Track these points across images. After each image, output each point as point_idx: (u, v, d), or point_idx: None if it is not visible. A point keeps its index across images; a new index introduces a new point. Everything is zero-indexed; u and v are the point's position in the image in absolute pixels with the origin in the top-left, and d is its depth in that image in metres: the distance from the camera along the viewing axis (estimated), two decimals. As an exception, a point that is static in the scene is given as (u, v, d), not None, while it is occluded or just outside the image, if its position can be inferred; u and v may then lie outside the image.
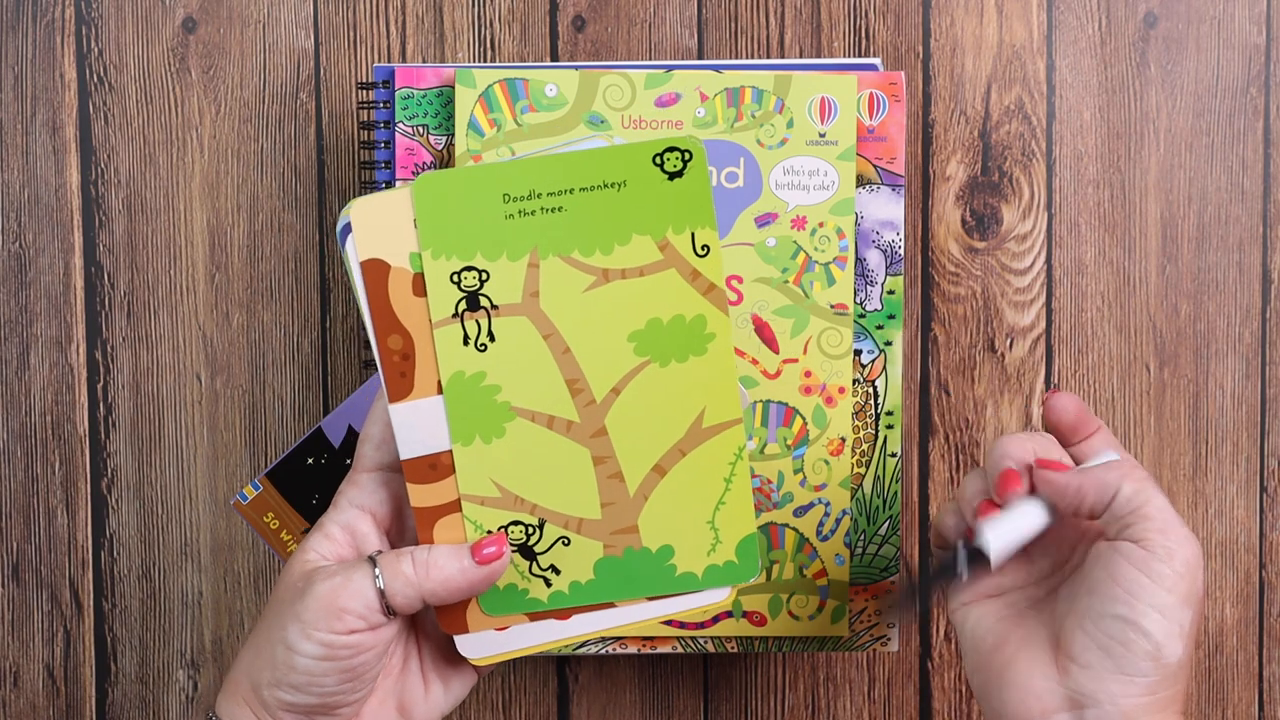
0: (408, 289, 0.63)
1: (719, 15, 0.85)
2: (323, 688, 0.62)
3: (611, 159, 0.63)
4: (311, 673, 0.61)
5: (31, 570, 0.86)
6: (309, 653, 0.61)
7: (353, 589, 0.61)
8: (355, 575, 0.62)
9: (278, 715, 0.62)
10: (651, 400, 0.65)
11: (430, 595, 0.62)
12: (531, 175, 0.63)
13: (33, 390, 0.86)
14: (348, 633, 0.61)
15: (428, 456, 0.64)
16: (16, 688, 0.86)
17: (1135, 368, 0.87)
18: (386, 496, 0.65)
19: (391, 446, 0.64)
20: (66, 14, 0.85)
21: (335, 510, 0.65)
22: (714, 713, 0.87)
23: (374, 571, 0.62)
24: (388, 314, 0.63)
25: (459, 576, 0.63)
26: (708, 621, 0.79)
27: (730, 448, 0.65)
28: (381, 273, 0.63)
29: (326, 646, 0.61)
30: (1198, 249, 0.87)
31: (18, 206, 0.85)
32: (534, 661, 0.86)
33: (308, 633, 0.61)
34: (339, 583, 0.62)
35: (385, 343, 0.64)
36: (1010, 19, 0.86)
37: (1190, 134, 0.86)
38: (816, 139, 0.78)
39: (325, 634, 0.61)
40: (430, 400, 0.64)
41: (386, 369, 0.63)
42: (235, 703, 0.63)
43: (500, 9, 0.85)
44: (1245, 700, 0.88)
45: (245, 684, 0.63)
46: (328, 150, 0.86)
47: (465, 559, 0.63)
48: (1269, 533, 0.87)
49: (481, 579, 0.63)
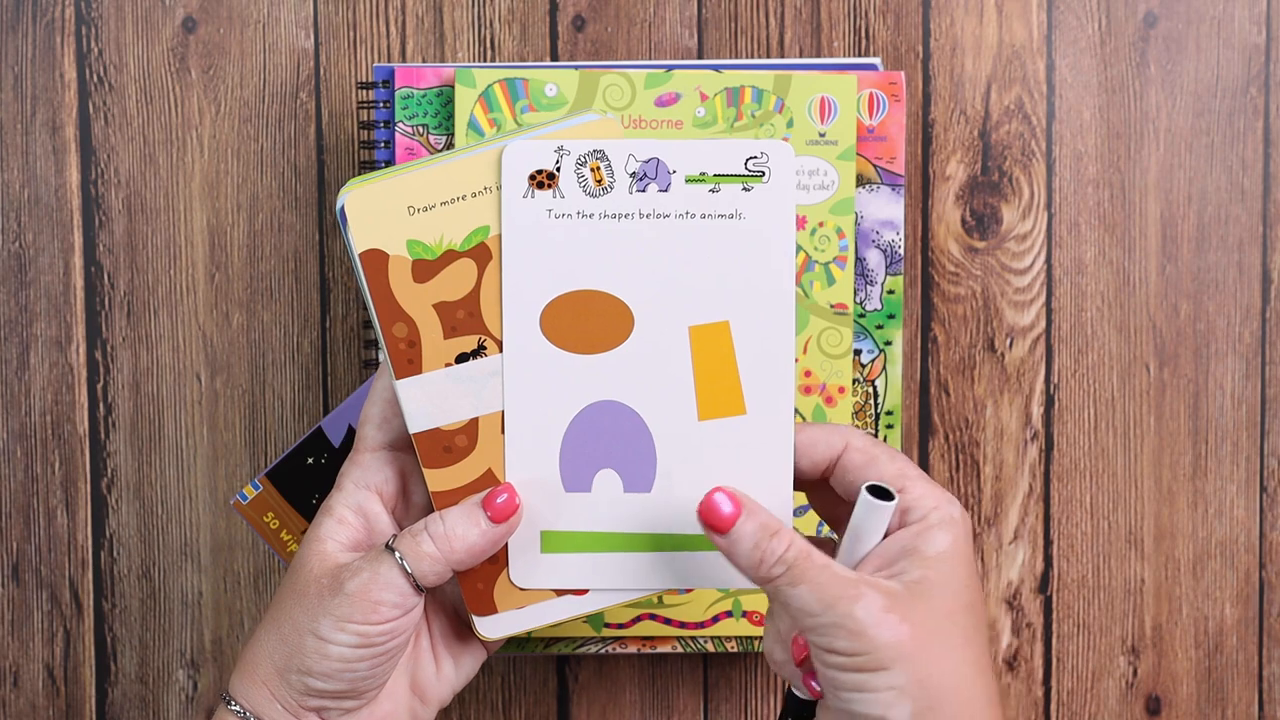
0: (408, 276, 0.64)
1: (719, 15, 0.85)
2: (355, 673, 0.62)
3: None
4: (346, 660, 0.62)
5: (31, 570, 0.86)
6: (345, 642, 0.62)
7: (382, 581, 0.62)
8: (382, 568, 0.62)
9: (299, 699, 0.63)
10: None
11: (459, 564, 0.63)
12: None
13: (33, 390, 0.86)
14: (384, 621, 0.62)
15: (439, 431, 0.64)
16: (16, 688, 0.86)
17: (1135, 368, 0.87)
18: (391, 474, 0.65)
19: (393, 424, 0.65)
20: (66, 14, 0.85)
21: (342, 493, 0.65)
22: (714, 713, 0.87)
23: (397, 558, 0.62)
24: (390, 302, 0.64)
25: (481, 540, 0.63)
26: (707, 621, 0.79)
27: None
28: (381, 262, 0.64)
29: (363, 636, 0.62)
30: (1198, 249, 0.87)
31: (18, 206, 0.85)
32: (534, 661, 0.86)
33: (342, 625, 0.62)
34: (368, 578, 0.62)
35: (390, 331, 0.64)
36: (1010, 19, 0.86)
37: (1190, 134, 0.86)
38: (816, 139, 0.78)
39: (361, 625, 0.62)
40: (439, 373, 0.64)
41: (394, 356, 0.64)
42: (253, 685, 0.63)
43: (500, 9, 0.85)
44: (1245, 700, 0.88)
45: (266, 668, 0.63)
46: (328, 150, 0.86)
47: (482, 520, 0.63)
48: (1269, 533, 0.87)
49: (503, 534, 0.63)
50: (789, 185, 0.62)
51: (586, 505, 0.64)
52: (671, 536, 0.64)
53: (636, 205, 0.63)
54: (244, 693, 0.64)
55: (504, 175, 0.63)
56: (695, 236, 0.63)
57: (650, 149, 0.62)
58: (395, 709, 0.66)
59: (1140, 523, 0.87)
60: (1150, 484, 0.87)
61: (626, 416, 0.64)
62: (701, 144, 0.62)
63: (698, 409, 0.63)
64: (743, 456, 0.63)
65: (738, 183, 0.62)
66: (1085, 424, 0.87)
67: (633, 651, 0.81)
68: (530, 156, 0.63)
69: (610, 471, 0.64)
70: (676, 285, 0.63)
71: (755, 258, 0.63)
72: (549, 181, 0.63)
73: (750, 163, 0.62)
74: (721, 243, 0.63)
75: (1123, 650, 0.87)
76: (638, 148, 0.63)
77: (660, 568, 0.65)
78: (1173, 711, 0.87)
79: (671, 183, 0.63)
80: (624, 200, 0.63)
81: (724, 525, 0.60)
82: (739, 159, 0.62)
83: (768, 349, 0.63)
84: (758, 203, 0.62)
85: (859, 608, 0.58)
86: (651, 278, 0.63)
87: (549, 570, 0.65)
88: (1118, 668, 0.87)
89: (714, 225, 0.63)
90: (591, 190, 0.63)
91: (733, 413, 0.63)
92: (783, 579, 0.59)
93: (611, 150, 0.63)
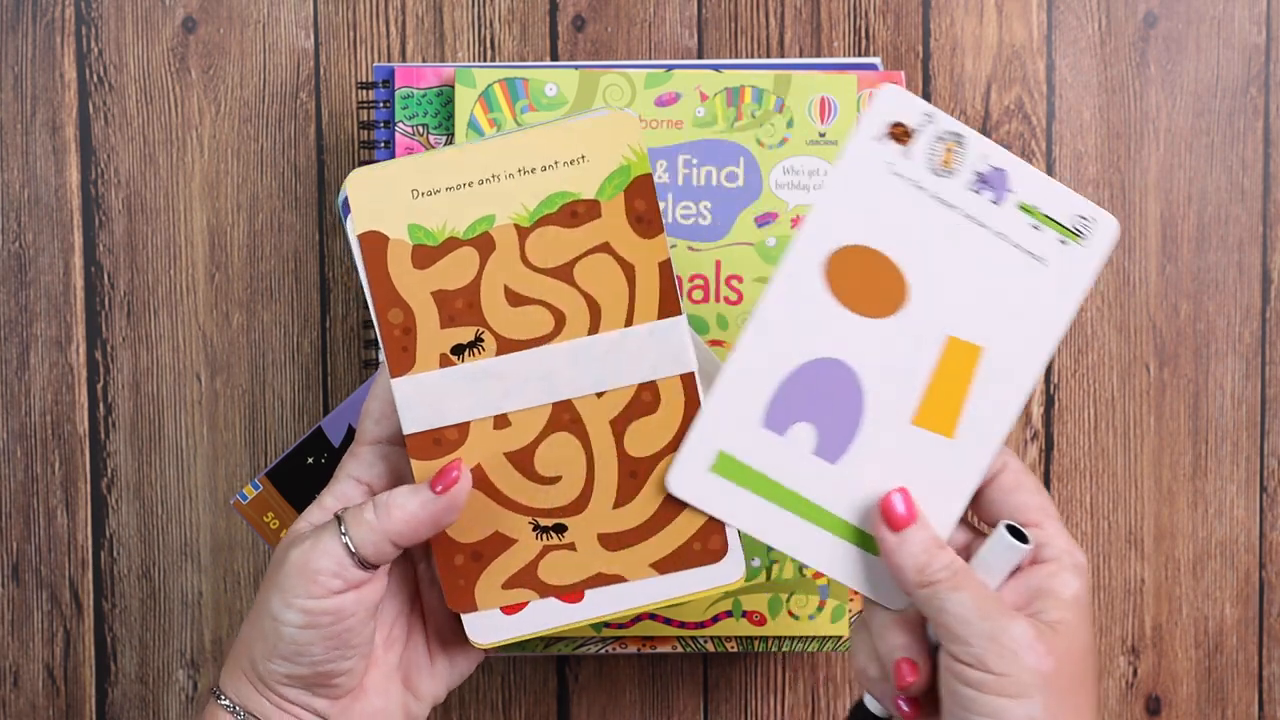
0: (407, 261, 0.63)
1: (719, 15, 0.85)
2: (311, 656, 0.62)
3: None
4: (297, 641, 0.62)
5: (31, 570, 0.86)
6: (292, 621, 0.61)
7: (321, 549, 0.62)
8: (324, 536, 0.62)
9: (276, 688, 0.63)
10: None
11: (397, 536, 0.62)
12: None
13: (33, 390, 0.86)
14: (325, 595, 0.61)
15: (431, 431, 0.64)
16: (16, 688, 0.86)
17: (1135, 368, 0.87)
18: (385, 470, 0.65)
19: (391, 420, 0.64)
20: (66, 14, 0.85)
21: (333, 482, 0.65)
22: (714, 713, 0.87)
23: (340, 528, 0.62)
24: (387, 287, 0.63)
25: (420, 510, 0.62)
26: (707, 621, 0.79)
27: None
28: (380, 245, 0.63)
29: (306, 613, 0.61)
30: (1198, 249, 0.87)
31: (18, 206, 0.85)
32: (534, 661, 0.86)
33: (288, 601, 0.61)
34: (308, 546, 0.62)
35: (386, 317, 0.63)
36: (1010, 19, 0.86)
37: (1190, 134, 0.86)
38: (816, 139, 0.78)
39: (304, 600, 0.61)
40: (432, 374, 0.64)
41: (388, 343, 0.63)
42: (237, 678, 0.64)
43: (500, 9, 0.85)
44: (1245, 700, 0.88)
45: (245, 659, 0.64)
46: (328, 150, 0.86)
47: (424, 492, 0.63)
48: (1269, 533, 0.87)
49: (444, 509, 0.63)
50: (1100, 258, 0.63)
51: (772, 447, 0.64)
52: (830, 515, 0.64)
53: (966, 203, 0.63)
54: (231, 685, 0.64)
55: (868, 114, 0.63)
56: (998, 258, 0.63)
57: (1003, 160, 0.63)
58: (387, 705, 0.66)
59: (1140, 523, 0.87)
60: (1150, 484, 0.87)
61: (852, 386, 0.64)
62: (1048, 181, 0.63)
63: (916, 413, 0.64)
64: (930, 474, 0.64)
65: (1059, 232, 0.63)
66: (1085, 424, 0.87)
67: (632, 651, 0.81)
68: (901, 107, 0.63)
69: (809, 426, 0.64)
70: (958, 292, 0.64)
71: (1037, 306, 0.63)
72: (904, 138, 0.63)
73: (1077, 220, 0.63)
74: (1016, 276, 0.63)
75: (1123, 650, 0.87)
76: (993, 152, 0.63)
77: (803, 537, 0.65)
78: (1173, 711, 0.87)
79: (1005, 200, 0.63)
80: (958, 193, 0.63)
81: (899, 524, 0.62)
82: (1071, 211, 0.63)
83: (1002, 392, 0.64)
84: (1066, 259, 0.63)
85: (1016, 627, 0.59)
86: (942, 274, 0.63)
87: (706, 489, 0.65)
88: (1118, 668, 0.87)
89: (1019, 257, 0.63)
90: (937, 168, 0.63)
91: (942, 431, 0.64)
92: (946, 583, 0.61)
93: (970, 141, 0.63)
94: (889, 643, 0.63)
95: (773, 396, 0.64)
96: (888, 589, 0.64)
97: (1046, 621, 0.61)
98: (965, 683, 0.60)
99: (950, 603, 0.60)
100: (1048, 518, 0.63)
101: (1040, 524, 0.63)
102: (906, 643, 0.63)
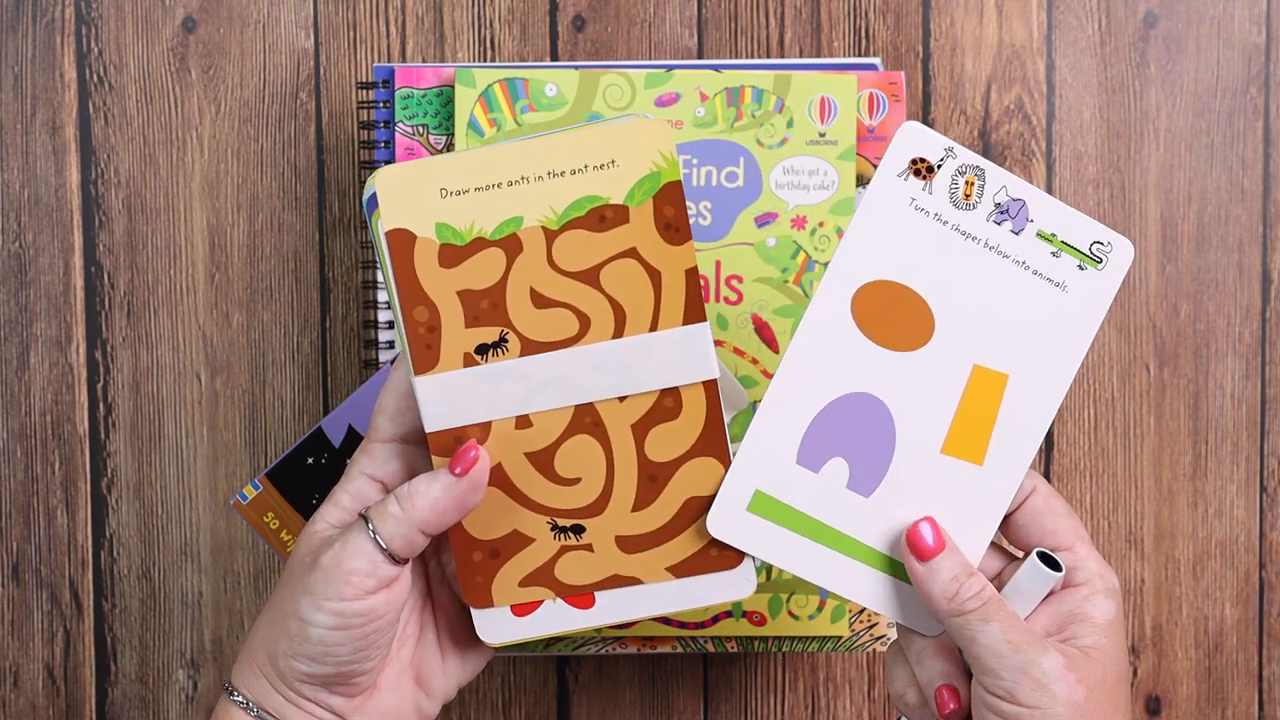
0: (434, 260, 0.63)
1: (719, 15, 0.85)
2: (338, 657, 0.62)
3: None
4: (326, 643, 0.62)
5: (31, 570, 0.86)
6: (322, 623, 0.62)
7: (351, 548, 0.62)
8: (352, 535, 0.62)
9: (295, 686, 0.63)
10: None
11: (424, 524, 0.62)
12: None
13: (33, 390, 0.86)
14: (358, 596, 0.61)
15: (453, 430, 0.64)
16: (16, 688, 0.86)
17: (1135, 368, 0.87)
18: (399, 467, 0.65)
19: (406, 418, 0.64)
20: (66, 14, 0.85)
21: (346, 480, 0.65)
22: (714, 713, 0.87)
23: (368, 526, 0.62)
24: (414, 285, 0.63)
25: (444, 495, 0.62)
26: (707, 621, 0.79)
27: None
28: (407, 243, 0.63)
29: (338, 615, 0.61)
30: (1198, 249, 0.87)
31: (18, 206, 0.85)
32: (534, 661, 0.86)
33: (319, 604, 0.61)
34: (339, 548, 0.62)
35: (411, 314, 0.63)
36: (1010, 19, 0.86)
37: (1190, 134, 0.86)
38: (816, 139, 0.78)
39: (336, 603, 0.61)
40: (456, 373, 0.64)
41: (412, 341, 0.63)
42: (251, 674, 0.64)
43: (500, 9, 0.85)
44: (1245, 700, 0.88)
45: (261, 655, 0.64)
46: (328, 150, 0.86)
47: (444, 476, 0.63)
48: (1269, 533, 0.87)
49: (467, 489, 0.63)
50: (1117, 281, 0.65)
51: (807, 483, 0.65)
52: (866, 547, 0.65)
53: (988, 234, 0.64)
54: (245, 681, 0.64)
55: (890, 150, 0.64)
56: (1020, 286, 0.64)
57: (1021, 190, 0.64)
58: (400, 703, 0.66)
59: (1140, 523, 0.87)
60: (1150, 484, 0.87)
61: (883, 419, 0.65)
62: (1063, 208, 0.64)
63: (945, 442, 0.65)
64: (960, 502, 0.65)
65: (1078, 258, 0.65)
66: (1085, 424, 0.87)
67: (632, 651, 0.81)
68: (922, 142, 0.64)
69: (842, 461, 0.65)
70: (982, 321, 0.64)
71: (1058, 330, 0.64)
72: (927, 174, 0.64)
73: (1095, 246, 0.65)
74: (1038, 302, 0.64)
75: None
76: (1012, 183, 0.64)
77: (841, 571, 0.65)
78: (1173, 711, 0.87)
79: (1025, 230, 0.64)
80: (980, 225, 0.64)
81: (927, 554, 0.63)
82: (1088, 237, 0.64)
83: (1028, 419, 0.65)
84: (1085, 284, 0.64)
85: (1046, 659, 0.60)
86: (966, 305, 0.64)
87: (746, 529, 0.65)
88: (1118, 668, 0.87)
89: (1039, 284, 0.64)
90: (958, 201, 0.64)
91: (971, 459, 0.65)
92: (976, 614, 0.61)
93: (990, 173, 0.64)
94: (929, 669, 0.64)
95: (805, 433, 0.65)
96: (924, 617, 0.64)
97: (1080, 648, 0.61)
98: (997, 714, 0.60)
99: (981, 634, 0.61)
100: (1079, 540, 0.64)
101: (1072, 547, 0.64)
102: (946, 669, 0.63)
